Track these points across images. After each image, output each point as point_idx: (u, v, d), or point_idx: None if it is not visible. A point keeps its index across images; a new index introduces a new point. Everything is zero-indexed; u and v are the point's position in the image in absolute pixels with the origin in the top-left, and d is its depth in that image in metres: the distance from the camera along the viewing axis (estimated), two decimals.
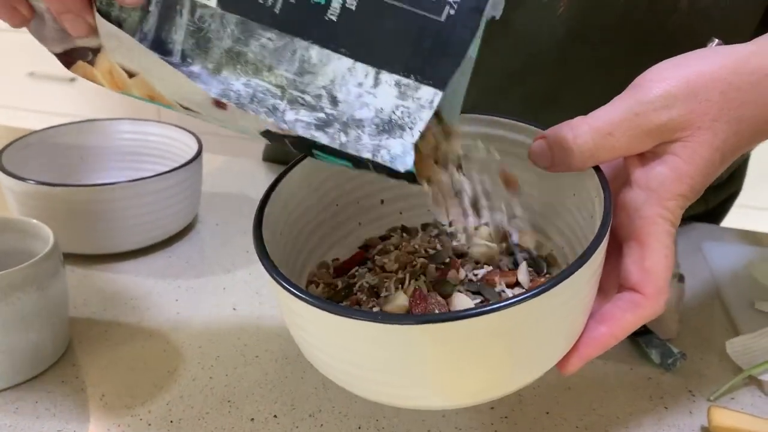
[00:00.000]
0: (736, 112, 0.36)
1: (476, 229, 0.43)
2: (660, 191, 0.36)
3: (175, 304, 0.57)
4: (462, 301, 0.37)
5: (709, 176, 0.37)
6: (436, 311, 0.36)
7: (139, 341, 0.53)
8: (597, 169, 0.37)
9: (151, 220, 0.63)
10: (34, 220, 0.50)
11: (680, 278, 0.58)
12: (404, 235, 0.46)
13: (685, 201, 0.36)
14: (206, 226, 0.69)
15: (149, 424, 0.45)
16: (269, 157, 0.87)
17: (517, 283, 0.40)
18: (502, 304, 0.29)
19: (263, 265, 0.35)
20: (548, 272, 0.42)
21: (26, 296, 0.45)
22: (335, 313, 0.31)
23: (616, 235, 0.38)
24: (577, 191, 0.40)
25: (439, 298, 0.38)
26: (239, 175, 0.81)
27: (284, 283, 0.33)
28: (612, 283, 0.37)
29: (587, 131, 0.36)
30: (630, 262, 0.36)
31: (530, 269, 0.41)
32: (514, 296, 0.30)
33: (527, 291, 0.30)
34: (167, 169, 0.64)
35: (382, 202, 0.47)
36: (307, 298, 0.32)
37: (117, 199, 0.60)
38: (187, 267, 0.62)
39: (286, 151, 0.82)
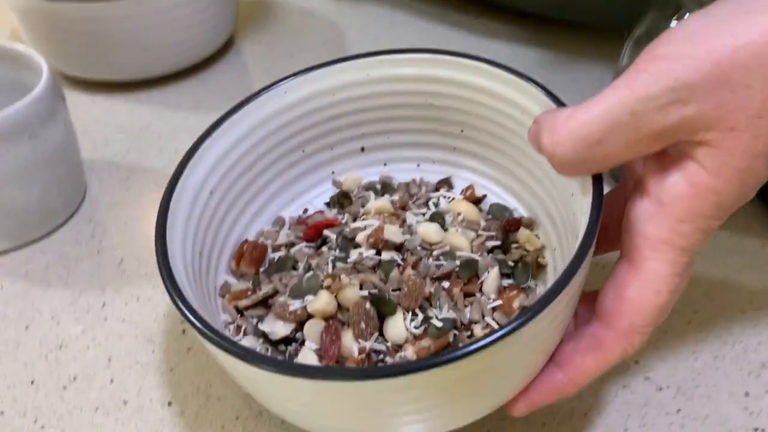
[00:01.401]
0: None
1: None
2: (672, 208, 0.26)
3: None
4: (397, 325, 0.30)
5: (748, 188, 0.26)
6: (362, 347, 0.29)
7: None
8: (596, 179, 0.28)
9: (179, 40, 0.53)
10: (23, 46, 0.41)
11: None
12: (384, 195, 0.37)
13: (708, 222, 0.26)
14: (246, 45, 0.59)
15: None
16: None
17: (480, 291, 0.32)
18: (446, 357, 0.23)
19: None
20: (528, 282, 0.34)
21: (16, 148, 0.37)
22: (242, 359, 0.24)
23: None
24: (576, 193, 0.30)
25: (370, 310, 0.30)
26: None
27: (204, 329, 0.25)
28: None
29: (567, 139, 0.26)
30: (610, 284, 0.28)
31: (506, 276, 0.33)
32: (464, 347, 0.24)
33: (473, 343, 0.24)
34: None
35: (363, 149, 0.38)
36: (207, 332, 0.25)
37: (137, 15, 0.50)
38: (224, 98, 0.53)
39: None
